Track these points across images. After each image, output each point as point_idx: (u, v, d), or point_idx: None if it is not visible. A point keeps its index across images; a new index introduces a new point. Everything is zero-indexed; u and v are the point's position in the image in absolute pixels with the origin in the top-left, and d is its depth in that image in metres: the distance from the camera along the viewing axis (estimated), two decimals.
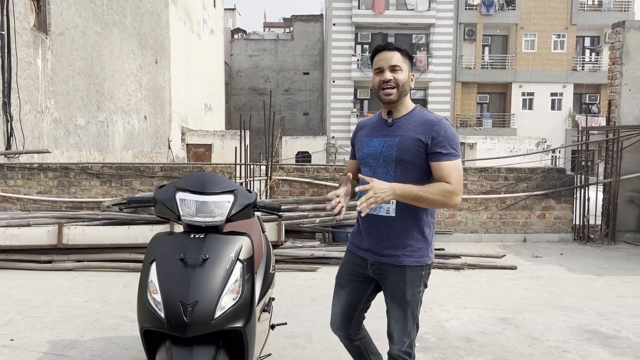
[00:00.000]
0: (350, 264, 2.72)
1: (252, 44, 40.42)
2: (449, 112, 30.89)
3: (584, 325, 4.56)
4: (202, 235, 2.59)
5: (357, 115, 31.09)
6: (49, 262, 6.23)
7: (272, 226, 6.43)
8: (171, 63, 17.49)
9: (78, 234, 6.24)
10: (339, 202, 2.39)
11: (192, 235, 2.59)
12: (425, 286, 2.61)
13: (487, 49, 31.89)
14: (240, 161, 7.91)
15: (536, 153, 12.26)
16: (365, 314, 2.83)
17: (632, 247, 7.71)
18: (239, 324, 2.50)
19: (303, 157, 30.23)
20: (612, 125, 7.96)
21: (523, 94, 31.32)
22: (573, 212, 7.96)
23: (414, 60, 30.34)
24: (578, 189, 7.96)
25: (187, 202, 2.62)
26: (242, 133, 7.92)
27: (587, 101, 31.97)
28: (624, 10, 31.10)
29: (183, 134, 19.24)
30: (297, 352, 3.92)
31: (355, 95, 31.43)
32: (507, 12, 30.80)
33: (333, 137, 31.07)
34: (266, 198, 7.67)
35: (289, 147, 30.05)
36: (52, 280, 5.78)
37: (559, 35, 31.22)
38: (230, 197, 2.65)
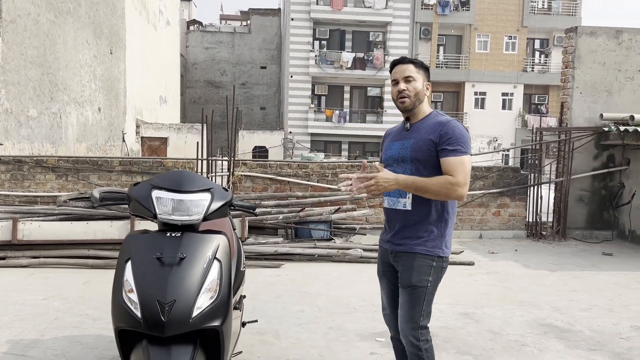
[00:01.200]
0: (381, 257, 2.92)
1: (208, 36, 39.87)
2: None
3: (540, 319, 4.75)
4: (179, 234, 2.57)
5: (315, 111, 31.14)
6: (3, 258, 6.02)
7: (235, 222, 6.40)
8: (126, 54, 17.07)
9: (34, 229, 6.05)
10: (350, 183, 2.61)
11: (168, 234, 2.57)
12: (437, 279, 2.72)
13: (442, 48, 32.48)
14: (202, 156, 7.82)
15: (490, 152, 12.58)
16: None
17: (581, 244, 8.06)
18: (216, 323, 2.50)
19: (260, 151, 30.08)
20: (564, 127, 8.28)
21: (475, 93, 32.07)
22: (526, 210, 8.25)
23: (372, 57, 30.79)
24: (531, 187, 8.25)
25: (164, 201, 2.59)
26: (204, 127, 7.83)
27: (536, 102, 33.01)
28: (572, 15, 32.23)
29: (138, 126, 18.83)
30: (265, 349, 3.93)
31: (313, 91, 31.45)
32: (462, 13, 31.44)
33: (290, 132, 31.04)
34: None
35: (246, 142, 29.85)
36: (6, 277, 5.59)
37: (511, 36, 32.09)
38: (207, 196, 2.64)
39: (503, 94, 32.17)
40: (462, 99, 32.04)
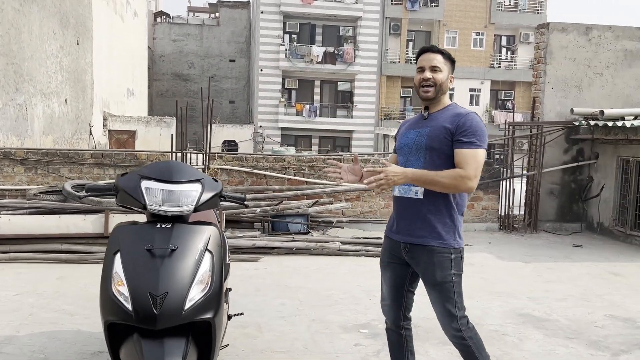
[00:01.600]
0: (388, 248, 2.85)
1: (176, 28, 39.26)
2: (374, 105, 31.50)
3: (518, 309, 4.84)
4: (169, 225, 2.53)
5: (285, 105, 31.03)
6: None
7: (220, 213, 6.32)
8: (93, 45, 16.68)
9: (3, 223, 5.86)
10: (339, 171, 2.73)
11: (158, 225, 2.52)
12: (459, 271, 2.71)
13: (411, 44, 32.72)
14: (176, 149, 7.70)
15: None
16: (414, 298, 2.94)
17: (552, 236, 8.24)
18: (208, 315, 2.46)
19: (229, 145, 29.83)
20: (536, 121, 8.44)
21: None
22: (499, 203, 8.38)
23: (342, 52, 30.81)
24: (503, 181, 8.39)
25: (153, 191, 2.54)
26: (181, 120, 7.70)
27: (503, 97, 33.59)
28: (538, 12, 32.85)
29: (105, 119, 18.43)
30: (249, 343, 3.90)
31: (283, 84, 31.32)
32: (431, 9, 31.71)
33: (260, 126, 30.86)
34: None
35: (215, 135, 29.48)
36: None
37: (479, 33, 32.53)
38: (197, 187, 2.60)
39: (471, 90, 32.63)
40: None
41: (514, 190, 8.31)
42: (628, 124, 6.91)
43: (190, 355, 2.38)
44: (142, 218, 2.91)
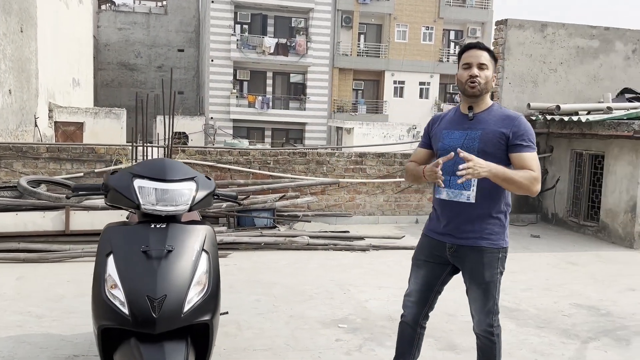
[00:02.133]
0: (428, 247, 2.88)
1: (121, 16, 38.01)
2: (326, 97, 31.55)
3: None
4: (164, 225, 2.45)
5: (237, 97, 30.66)
6: None
7: None
8: (38, 32, 15.93)
9: None
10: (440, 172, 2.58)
11: (152, 226, 2.44)
12: (503, 269, 2.77)
13: (362, 37, 32.92)
14: (136, 142, 7.46)
15: (413, 142, 12.95)
16: (438, 297, 3.00)
17: (510, 227, 8.48)
18: (206, 317, 2.42)
19: (180, 137, 29.21)
20: None
21: (395, 82, 32.82)
22: None
23: (294, 43, 30.66)
24: None
25: (147, 190, 2.45)
26: (143, 112, 7.47)
27: (451, 91, 34.31)
28: (485, 8, 33.67)
29: (51, 110, 17.68)
30: (230, 341, 3.84)
31: (234, 76, 30.91)
32: (382, 2, 31.96)
33: (212, 118, 30.37)
34: None
35: (165, 127, 28.78)
36: None
37: (428, 27, 33.05)
38: (192, 185, 2.53)
39: (420, 83, 33.15)
40: (382, 87, 32.69)
41: None
42: (583, 119, 7.19)
43: (190, 357, 2.32)
44: (111, 216, 2.82)
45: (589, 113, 7.66)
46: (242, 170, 7.49)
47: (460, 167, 2.45)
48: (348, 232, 7.09)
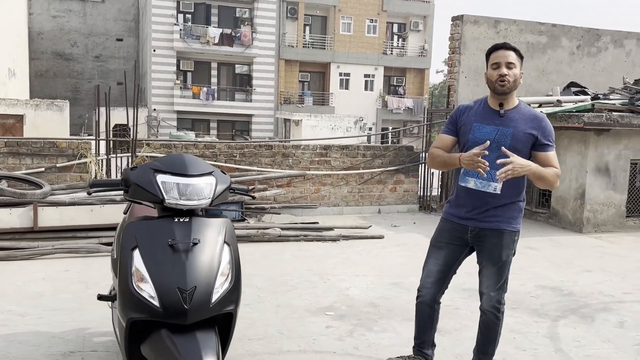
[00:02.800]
0: (449, 230, 3.14)
1: (55, 3, 36.40)
2: (273, 89, 31.47)
3: (460, 284, 5.18)
4: (187, 219, 2.50)
5: (181, 88, 30.10)
6: None
7: None
8: None
9: None
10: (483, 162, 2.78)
11: (176, 220, 2.48)
12: (515, 251, 3.08)
13: (308, 28, 33.00)
14: (98, 136, 7.32)
15: (375, 134, 13.19)
16: (452, 277, 3.29)
17: None
18: (231, 307, 2.50)
19: (122, 129, 28.38)
20: (452, 108, 8.99)
21: (340, 74, 33.13)
22: (418, 186, 8.87)
23: (239, 34, 30.36)
24: (422, 164, 8.88)
25: (169, 185, 2.49)
26: (107, 104, 7.31)
27: (395, 83, 34.98)
28: (427, 1, 34.42)
29: None
30: None
31: (178, 66, 30.32)
32: None
33: (155, 109, 29.71)
34: None
35: (105, 119, 27.97)
36: None
37: (372, 20, 33.51)
38: (212, 179, 2.59)
39: (365, 76, 33.61)
40: (328, 79, 32.93)
41: (432, 173, 8.83)
42: None
43: (218, 345, 2.40)
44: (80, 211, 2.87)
45: (540, 106, 8.09)
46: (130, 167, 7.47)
47: (502, 169, 2.68)
48: (317, 223, 7.22)
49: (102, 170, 7.01)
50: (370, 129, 30.24)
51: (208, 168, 2.62)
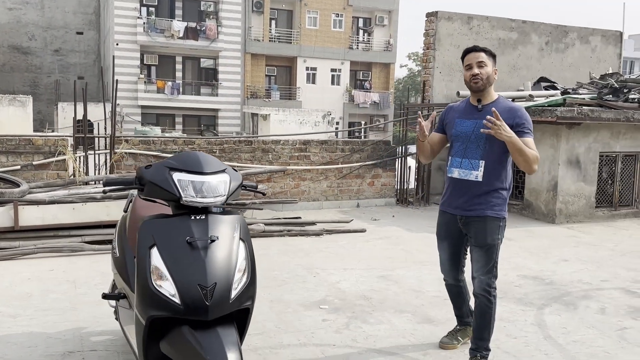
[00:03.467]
0: (446, 222, 3.44)
1: None
2: (239, 83, 31.24)
3: None
4: (204, 216, 2.52)
5: (145, 82, 29.58)
6: None
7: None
8: None
9: None
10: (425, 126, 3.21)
11: (193, 217, 2.50)
12: (502, 237, 3.29)
13: (274, 22, 32.84)
14: (77, 133, 7.17)
15: (342, 130, 13.28)
16: (466, 258, 3.54)
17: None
18: (249, 302, 2.54)
19: (88, 125, 27.76)
20: (427, 103, 9.14)
21: (307, 68, 33.12)
22: (396, 179, 9.00)
23: (204, 28, 29.99)
24: (399, 159, 9.01)
25: (185, 183, 2.50)
26: (84, 99, 7.16)
27: (361, 78, 35.17)
28: None
29: None
30: None
31: (142, 60, 29.77)
32: None
33: (118, 104, 29.09)
34: (109, 173, 7.13)
35: (67, 115, 27.34)
36: None
37: (338, 14, 33.56)
38: (226, 177, 2.61)
39: (332, 70, 33.68)
40: (295, 73, 32.87)
41: (409, 167, 8.97)
42: None
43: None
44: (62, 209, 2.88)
45: (513, 100, 8.31)
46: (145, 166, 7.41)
47: (488, 117, 2.97)
48: (300, 217, 7.27)
49: (80, 167, 6.89)
50: (337, 123, 30.34)
51: (221, 166, 2.64)
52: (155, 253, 2.39)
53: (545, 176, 7.96)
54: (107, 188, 2.65)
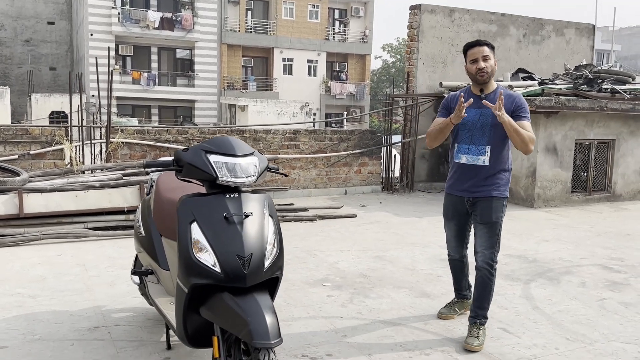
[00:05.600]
0: (452, 203, 3.72)
1: None
2: (216, 74, 31.19)
3: (436, 256, 5.69)
4: (237, 195, 2.75)
5: (120, 73, 29.31)
6: None
7: (134, 190, 6.24)
8: None
9: None
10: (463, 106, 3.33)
11: (228, 195, 2.73)
12: (504, 214, 3.57)
13: (250, 13, 32.81)
14: (74, 123, 7.28)
15: (307, 122, 13.53)
16: (469, 235, 3.81)
17: (426, 194, 9.42)
18: (279, 272, 2.79)
19: (58, 117, 27.43)
20: (411, 94, 9.46)
21: (284, 59, 33.22)
22: (382, 167, 9.32)
23: (180, 18, 29.83)
24: (384, 147, 9.32)
25: (219, 164, 2.73)
26: (79, 90, 7.27)
27: (338, 69, 35.41)
28: None
29: None
30: None
31: (117, 51, 29.46)
32: None
33: (93, 95, 28.78)
34: (106, 162, 7.26)
35: (41, 106, 27.05)
36: None
37: (314, 5, 33.69)
38: (255, 159, 2.85)
39: (309, 61, 33.84)
40: (272, 64, 32.94)
41: (395, 155, 9.29)
42: None
43: None
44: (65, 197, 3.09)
45: None
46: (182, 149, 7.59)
47: (496, 105, 3.22)
48: (293, 204, 7.52)
49: (77, 156, 7.01)
50: (314, 114, 30.58)
51: (250, 149, 2.88)
52: (195, 227, 2.63)
53: (525, 163, 8.36)
54: (149, 169, 2.86)
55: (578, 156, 8.76)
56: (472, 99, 3.36)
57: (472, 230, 3.75)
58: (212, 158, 2.72)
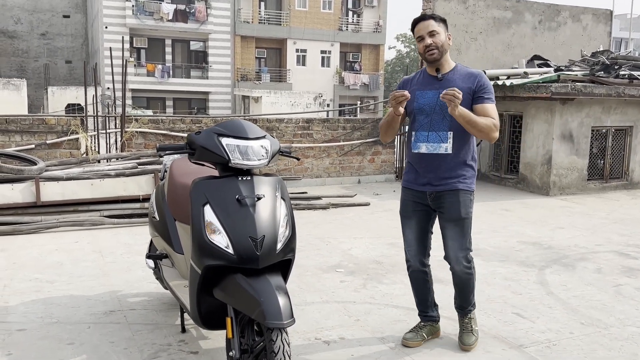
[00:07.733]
0: (411, 198, 3.24)
1: None
2: (229, 66, 31.23)
3: None
4: (249, 177, 2.77)
5: (135, 65, 29.47)
6: None
7: (149, 178, 6.29)
8: None
9: None
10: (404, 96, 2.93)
11: (240, 178, 2.74)
12: (472, 210, 3.17)
13: (263, 4, 32.75)
14: (88, 113, 7.35)
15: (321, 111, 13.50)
16: (431, 241, 3.33)
17: None
18: (291, 254, 2.81)
19: (74, 109, 27.68)
20: None
21: (297, 50, 33.13)
22: (395, 156, 9.29)
23: (193, 10, 29.89)
24: (399, 135, 9.29)
25: (231, 147, 2.74)
26: (94, 83, 7.34)
27: (351, 59, 35.25)
28: None
29: None
30: None
31: (131, 43, 29.62)
32: None
33: (108, 87, 29.02)
34: (121, 151, 7.32)
35: (57, 99, 27.28)
36: None
37: None
38: (267, 142, 2.85)
39: (322, 52, 33.71)
40: (285, 55, 32.89)
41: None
42: (507, 83, 8.09)
43: None
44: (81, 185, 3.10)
45: (508, 77, 8.60)
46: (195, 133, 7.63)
47: (447, 92, 2.81)
48: (306, 192, 7.53)
49: (93, 146, 7.08)
50: (328, 105, 30.51)
51: (262, 132, 2.89)
52: (208, 210, 2.65)
53: (540, 150, 8.28)
54: (162, 153, 2.88)
55: (594, 143, 8.65)
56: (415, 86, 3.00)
57: (432, 230, 3.30)
58: (225, 141, 2.74)
